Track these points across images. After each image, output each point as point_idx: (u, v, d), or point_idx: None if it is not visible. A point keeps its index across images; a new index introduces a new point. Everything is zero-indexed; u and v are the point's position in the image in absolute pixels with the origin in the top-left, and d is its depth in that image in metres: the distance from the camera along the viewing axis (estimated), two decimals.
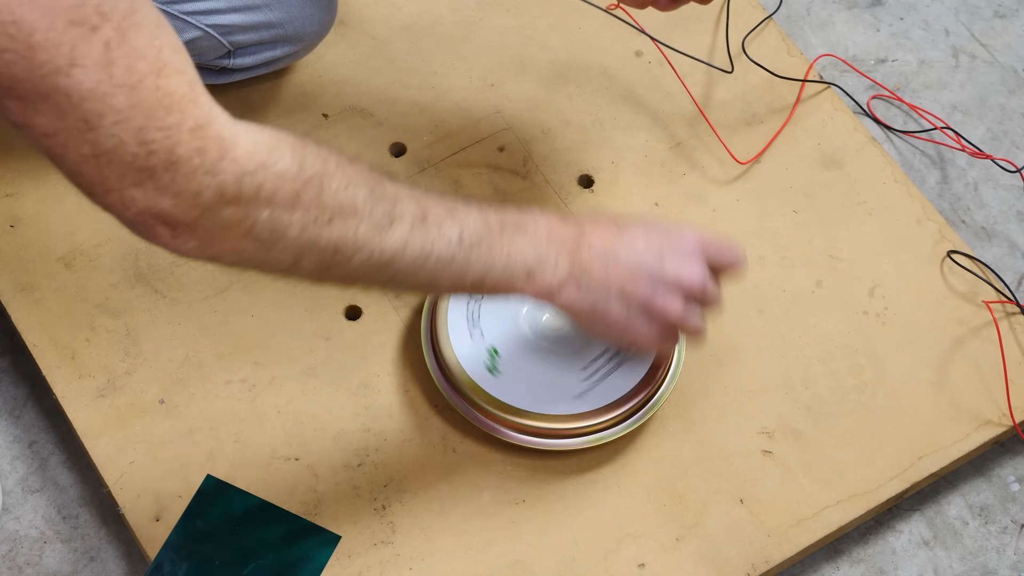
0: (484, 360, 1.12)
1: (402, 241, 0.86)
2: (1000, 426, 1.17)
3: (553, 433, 1.11)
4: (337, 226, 0.83)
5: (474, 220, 0.91)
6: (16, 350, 1.22)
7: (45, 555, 1.14)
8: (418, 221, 0.87)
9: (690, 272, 0.99)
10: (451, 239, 0.89)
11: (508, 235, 0.93)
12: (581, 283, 0.96)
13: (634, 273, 0.97)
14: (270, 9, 1.20)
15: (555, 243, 0.95)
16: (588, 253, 0.96)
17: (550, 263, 0.95)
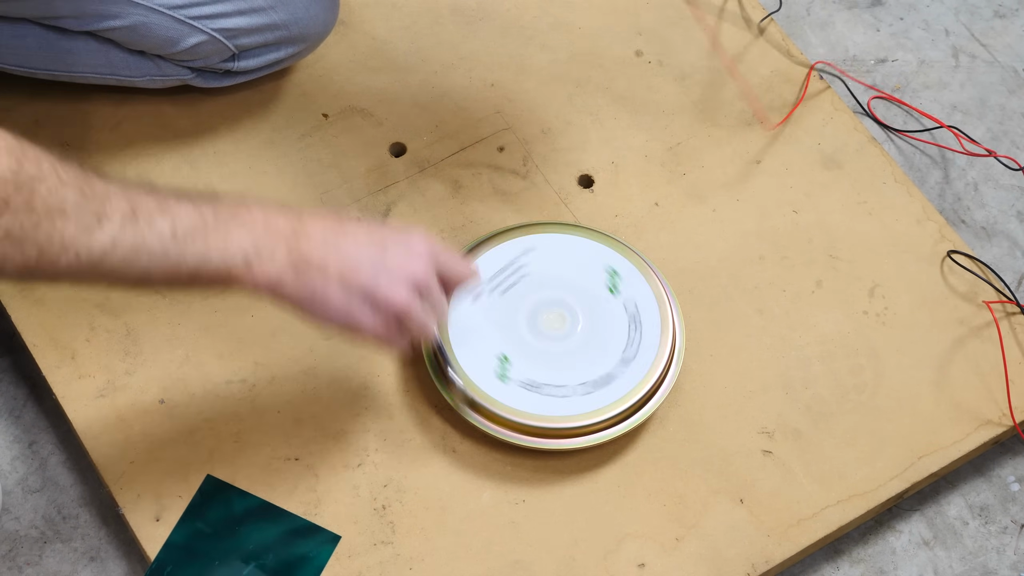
0: (495, 368, 1.12)
1: (111, 240, 0.86)
2: (1000, 426, 1.17)
3: (553, 433, 1.11)
4: (44, 229, 0.82)
5: (187, 213, 0.90)
6: (16, 350, 1.22)
7: (45, 555, 1.14)
8: (128, 218, 0.87)
9: (415, 265, 0.99)
10: (163, 233, 0.88)
11: (223, 227, 0.91)
12: (299, 271, 0.95)
13: (356, 260, 0.97)
14: (274, 11, 1.20)
15: (273, 233, 0.94)
16: (307, 242, 0.95)
17: (267, 254, 0.93)
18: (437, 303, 1.01)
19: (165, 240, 0.88)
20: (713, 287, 1.22)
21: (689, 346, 1.18)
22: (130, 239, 0.86)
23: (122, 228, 0.86)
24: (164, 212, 0.89)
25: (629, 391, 1.12)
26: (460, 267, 1.03)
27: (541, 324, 1.15)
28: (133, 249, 0.87)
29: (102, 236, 0.85)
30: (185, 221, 0.89)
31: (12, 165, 0.80)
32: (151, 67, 1.22)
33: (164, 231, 0.88)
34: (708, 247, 1.24)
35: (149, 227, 0.87)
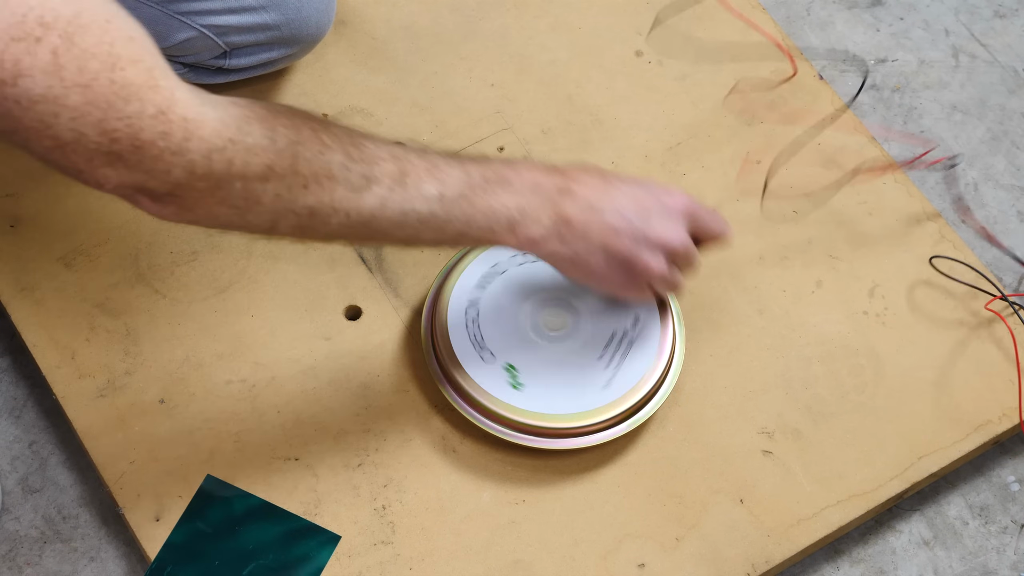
0: (506, 379, 1.12)
1: (380, 202, 0.89)
2: (1000, 426, 1.17)
3: (553, 433, 1.11)
4: (313, 191, 0.86)
5: (456, 176, 0.93)
6: (16, 350, 1.22)
7: (45, 555, 1.14)
8: (397, 181, 0.90)
9: (673, 234, 1.01)
10: (430, 197, 0.92)
11: (490, 189, 0.95)
12: (563, 235, 0.98)
13: (617, 229, 0.99)
14: (267, 11, 1.20)
15: (539, 195, 0.97)
16: (572, 205, 0.98)
17: (532, 215, 0.96)
18: (692, 262, 1.04)
19: (432, 203, 0.92)
20: (713, 287, 1.22)
21: (689, 346, 1.18)
22: (398, 202, 0.90)
23: (391, 191, 0.90)
24: (433, 176, 0.92)
25: (629, 391, 1.12)
26: (713, 224, 1.05)
27: (542, 323, 1.15)
28: (401, 211, 0.90)
29: (371, 198, 0.89)
30: (453, 184, 0.93)
31: (267, 133, 0.84)
32: None
33: (432, 194, 0.92)
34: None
35: (417, 190, 0.91)
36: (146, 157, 0.79)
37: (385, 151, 0.91)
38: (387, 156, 0.91)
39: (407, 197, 0.91)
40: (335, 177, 0.87)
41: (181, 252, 1.20)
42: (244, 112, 0.84)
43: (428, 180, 0.92)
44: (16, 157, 1.24)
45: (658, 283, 1.03)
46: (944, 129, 1.41)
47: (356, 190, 0.88)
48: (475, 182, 0.94)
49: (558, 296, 1.16)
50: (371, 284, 1.20)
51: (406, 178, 0.91)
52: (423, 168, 0.92)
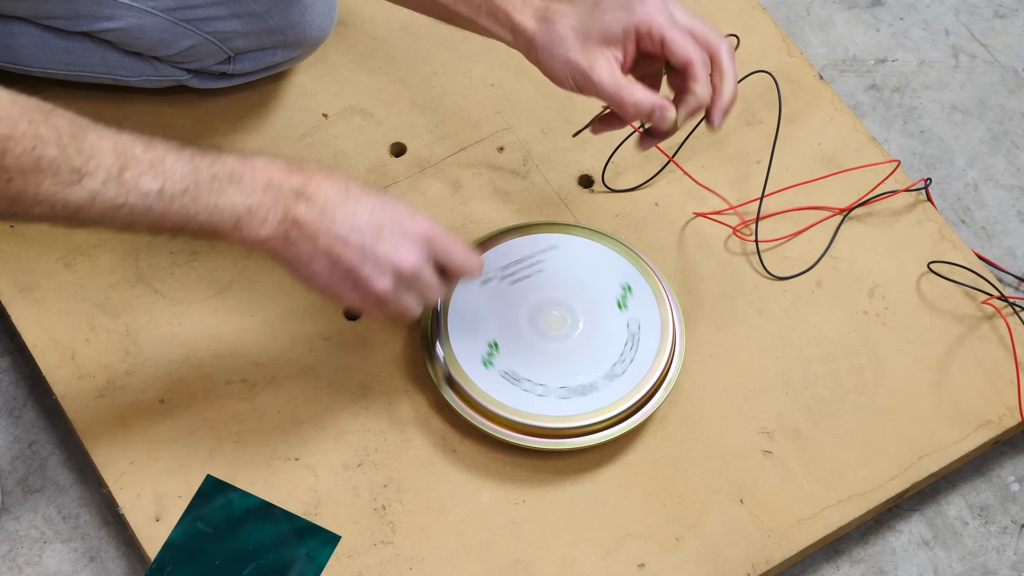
0: (482, 353, 1.12)
1: (89, 196, 0.88)
2: (1000, 426, 1.17)
3: (553, 433, 1.11)
4: (16, 184, 0.86)
5: (182, 171, 0.92)
6: (16, 350, 1.22)
7: (45, 555, 1.14)
8: (112, 176, 0.89)
9: (403, 256, 0.99)
10: (149, 191, 0.90)
11: (218, 186, 0.93)
12: (290, 235, 0.96)
13: (345, 239, 0.97)
14: (270, 16, 1.19)
15: (271, 194, 0.95)
16: (304, 208, 0.96)
17: (260, 214, 0.95)
18: (427, 290, 1.01)
19: (150, 198, 0.91)
20: (713, 287, 1.22)
21: (689, 346, 1.18)
22: (111, 195, 0.89)
23: (104, 185, 0.89)
24: (155, 170, 0.91)
25: (629, 391, 1.12)
26: (461, 258, 1.02)
27: (541, 322, 1.15)
28: (113, 206, 0.90)
29: (80, 191, 0.88)
30: (177, 180, 0.92)
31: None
32: (147, 68, 1.22)
33: (151, 189, 0.91)
34: (708, 247, 1.24)
35: (135, 185, 0.90)
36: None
37: (108, 143, 0.90)
38: (109, 149, 0.89)
39: (122, 192, 0.90)
40: (43, 171, 0.86)
41: (181, 252, 1.20)
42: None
43: (149, 175, 0.91)
44: None
45: (384, 302, 1.00)
46: (944, 129, 1.41)
47: (65, 184, 0.87)
48: (203, 178, 0.93)
49: (559, 297, 1.16)
50: None
51: (124, 172, 0.90)
52: (146, 162, 0.91)
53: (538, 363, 1.13)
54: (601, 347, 1.14)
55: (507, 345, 1.13)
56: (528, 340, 1.14)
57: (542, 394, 1.12)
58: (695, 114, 1.02)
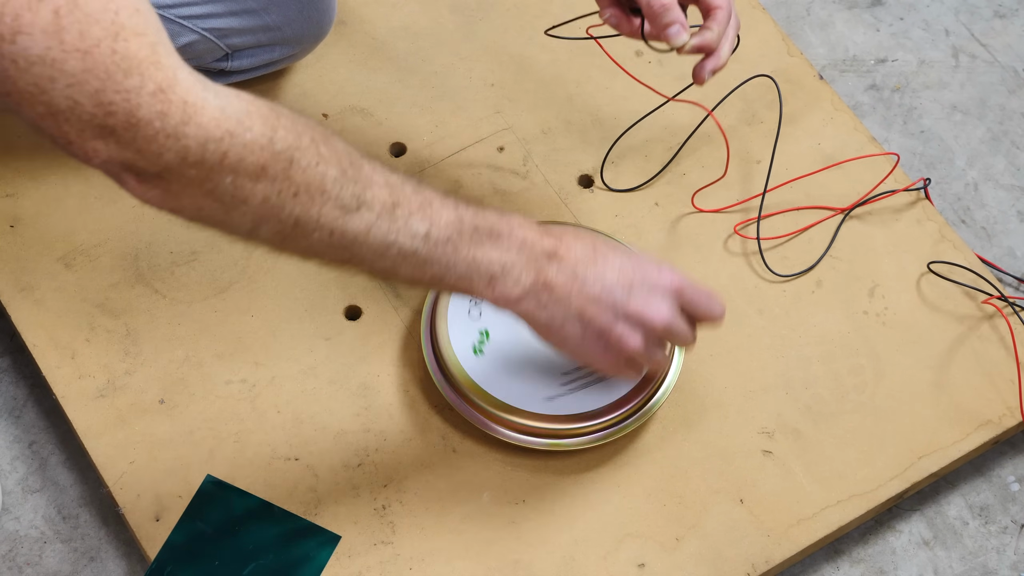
0: (473, 341, 1.12)
1: (366, 227, 0.87)
2: (1000, 426, 1.17)
3: (553, 433, 1.11)
4: (301, 201, 0.83)
5: (447, 218, 0.91)
6: (16, 350, 1.22)
7: (45, 555, 1.14)
8: (387, 210, 0.87)
9: (655, 311, 0.98)
10: (417, 233, 0.89)
11: (478, 239, 0.92)
12: (542, 298, 0.96)
13: (597, 300, 0.97)
14: (268, 12, 1.20)
15: (525, 254, 0.95)
16: (556, 270, 0.96)
17: (514, 273, 0.94)
18: (680, 340, 1.01)
19: (417, 241, 0.89)
20: (713, 287, 1.22)
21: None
22: (383, 231, 0.87)
23: (379, 218, 0.87)
24: (424, 213, 0.89)
25: (629, 391, 1.12)
26: (708, 305, 1.02)
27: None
28: (384, 242, 0.88)
29: (358, 221, 0.86)
30: (443, 226, 0.90)
31: (266, 132, 0.81)
32: None
33: (419, 232, 0.89)
34: (708, 247, 1.24)
35: (405, 224, 0.88)
36: (140, 136, 0.76)
37: (381, 177, 0.88)
38: (382, 182, 0.88)
39: (394, 228, 0.88)
40: (327, 192, 0.84)
41: (181, 252, 1.20)
42: (247, 106, 0.81)
43: (418, 216, 0.89)
44: (16, 157, 1.24)
45: (636, 359, 1.00)
46: (944, 129, 1.41)
47: (345, 210, 0.85)
48: (465, 229, 0.92)
49: None
50: (371, 284, 1.20)
51: (397, 209, 0.88)
52: (416, 203, 0.89)
53: (538, 363, 1.13)
54: None
55: (507, 345, 1.13)
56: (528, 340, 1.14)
57: (542, 394, 1.11)
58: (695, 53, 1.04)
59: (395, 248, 0.88)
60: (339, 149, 0.86)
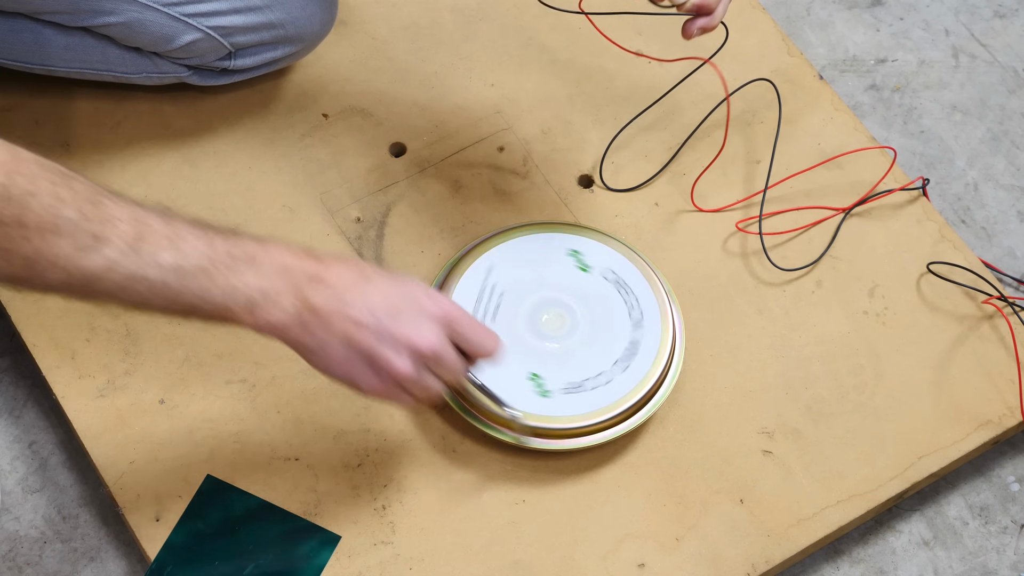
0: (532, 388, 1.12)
1: (107, 264, 0.86)
2: (1000, 426, 1.17)
3: (553, 433, 1.11)
4: (33, 244, 0.83)
5: (198, 248, 0.90)
6: (16, 350, 1.22)
7: (45, 555, 1.14)
8: (130, 246, 0.86)
9: (422, 335, 0.96)
10: (165, 266, 0.88)
11: (235, 266, 0.91)
12: (306, 323, 0.94)
13: (363, 321, 0.95)
14: (271, 10, 1.20)
15: (285, 279, 0.93)
16: (319, 293, 0.94)
17: (274, 299, 0.92)
18: (448, 370, 0.98)
19: (166, 273, 0.88)
20: (713, 287, 1.22)
21: (689, 346, 1.18)
22: (128, 266, 0.87)
23: (122, 254, 0.86)
24: (173, 244, 0.88)
25: (629, 391, 1.12)
26: (480, 338, 0.99)
27: (540, 322, 1.15)
28: (129, 276, 0.87)
29: (97, 259, 0.85)
30: (193, 257, 0.89)
31: (1, 179, 0.81)
32: (148, 64, 1.22)
33: (167, 263, 0.88)
34: (708, 247, 1.24)
35: (152, 257, 0.87)
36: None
37: (126, 212, 0.87)
38: (126, 218, 0.87)
39: (139, 263, 0.87)
40: (61, 232, 0.83)
41: None
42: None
43: (166, 249, 0.88)
44: None
45: (405, 384, 0.97)
46: (944, 129, 1.41)
47: (82, 249, 0.84)
48: (218, 257, 0.90)
49: (558, 297, 1.16)
50: None
51: (142, 244, 0.87)
52: (163, 235, 0.88)
53: (538, 363, 1.13)
54: (601, 347, 1.14)
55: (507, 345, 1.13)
56: (527, 340, 1.14)
57: (542, 394, 1.12)
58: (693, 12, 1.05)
59: (143, 283, 0.88)
60: (80, 189, 0.85)
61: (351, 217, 1.23)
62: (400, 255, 1.22)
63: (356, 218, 1.23)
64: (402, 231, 1.23)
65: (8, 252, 0.83)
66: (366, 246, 1.22)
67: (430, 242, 1.22)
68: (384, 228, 1.23)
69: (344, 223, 1.23)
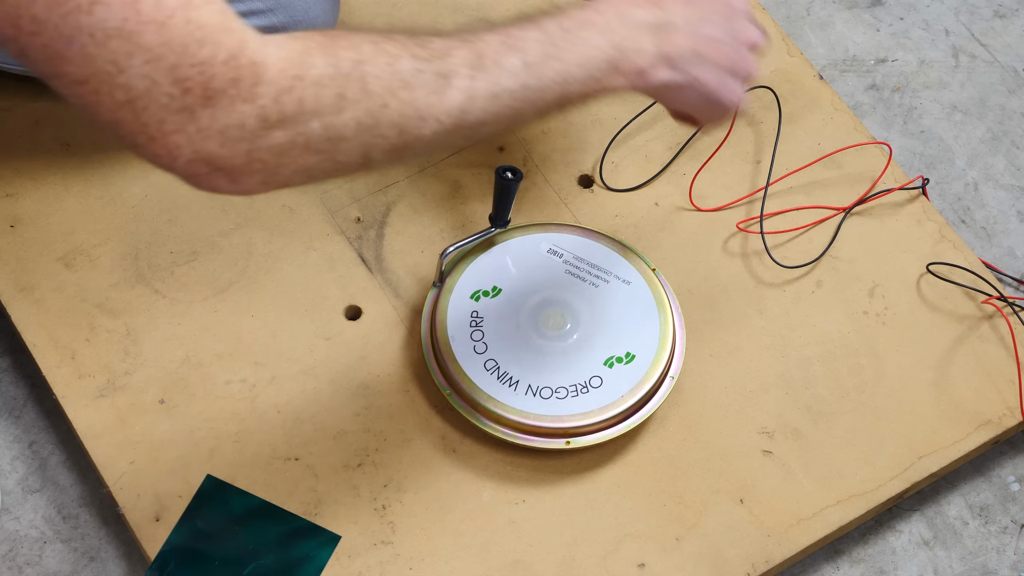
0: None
1: (466, 93, 0.83)
2: (1000, 426, 1.17)
3: (553, 433, 1.11)
4: (393, 108, 0.80)
5: (533, 37, 0.87)
6: (16, 350, 1.22)
7: (45, 555, 1.14)
8: (475, 67, 0.84)
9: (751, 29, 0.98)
10: (515, 69, 0.85)
11: (574, 36, 0.88)
12: (672, 59, 0.92)
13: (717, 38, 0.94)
14: (273, 14, 1.20)
15: (631, 26, 0.90)
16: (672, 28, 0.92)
17: (631, 48, 0.90)
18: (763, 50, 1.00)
19: (520, 75, 0.85)
20: (713, 287, 1.22)
21: (689, 346, 1.18)
22: (484, 86, 0.84)
23: (472, 79, 0.83)
24: (510, 47, 0.86)
25: (629, 391, 1.12)
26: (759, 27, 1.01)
27: (541, 322, 1.15)
28: (491, 95, 0.84)
29: (455, 93, 0.82)
30: (534, 47, 0.86)
31: (329, 59, 0.78)
32: None
33: (516, 66, 0.85)
34: (708, 247, 1.24)
35: (499, 68, 0.84)
36: (218, 110, 0.73)
37: (454, 40, 0.84)
38: (457, 44, 0.84)
39: (491, 78, 0.84)
40: (411, 85, 0.80)
41: (181, 252, 1.20)
42: (303, 44, 0.78)
43: (506, 53, 0.85)
44: (16, 157, 1.24)
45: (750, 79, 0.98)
46: (944, 129, 1.41)
47: (437, 91, 0.81)
48: (556, 37, 0.87)
49: (558, 296, 1.16)
50: (371, 284, 1.20)
51: (483, 59, 0.84)
52: (497, 42, 0.85)
53: (538, 363, 1.13)
54: (601, 347, 1.14)
55: (507, 345, 1.14)
56: (528, 340, 1.14)
57: (542, 394, 1.12)
58: None
59: (505, 95, 0.85)
60: (402, 39, 0.83)
61: (351, 217, 1.23)
62: (400, 255, 1.22)
63: (356, 218, 1.23)
64: (402, 231, 1.23)
65: (374, 127, 0.80)
66: (366, 246, 1.22)
67: (430, 242, 1.22)
68: (384, 228, 1.23)
69: (344, 223, 1.23)
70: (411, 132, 0.81)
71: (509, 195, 1.15)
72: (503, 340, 1.14)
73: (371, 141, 0.80)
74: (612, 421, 1.11)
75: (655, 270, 1.19)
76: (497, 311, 1.16)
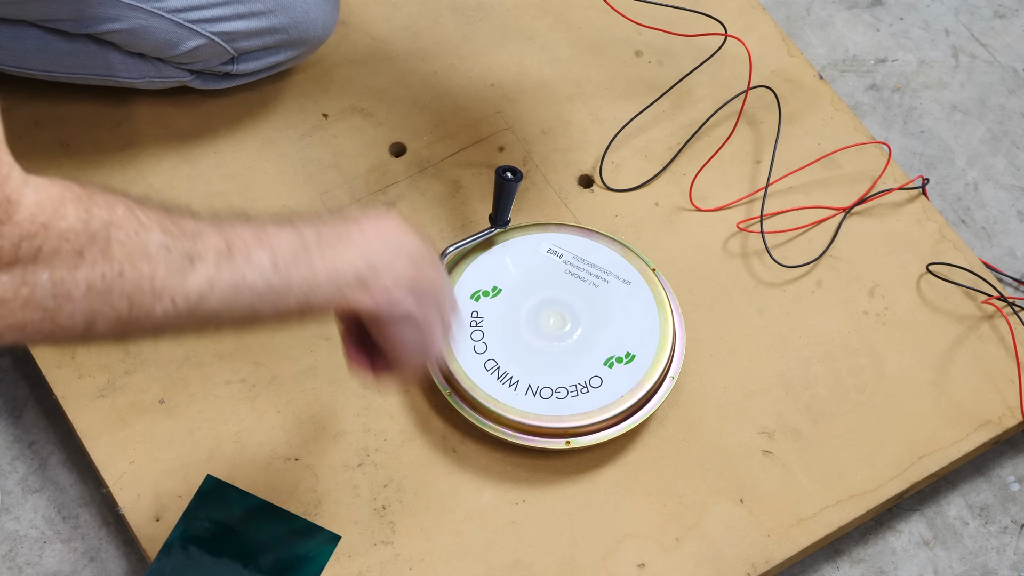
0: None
1: (206, 281, 0.79)
2: (1000, 426, 1.17)
3: (553, 433, 1.11)
4: (129, 277, 0.75)
5: (287, 239, 0.83)
6: (16, 350, 1.22)
7: (45, 555, 1.14)
8: (222, 256, 0.80)
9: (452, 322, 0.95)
10: (263, 266, 0.81)
11: (329, 247, 0.85)
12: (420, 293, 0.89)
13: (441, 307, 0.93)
14: (274, 15, 1.20)
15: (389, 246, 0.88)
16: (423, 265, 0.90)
17: (384, 266, 0.87)
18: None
19: (266, 273, 0.81)
20: (713, 287, 1.22)
21: (689, 346, 1.18)
22: (228, 277, 0.80)
23: (217, 267, 0.79)
24: (261, 243, 0.82)
25: (629, 391, 1.12)
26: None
27: (541, 322, 1.15)
28: (233, 288, 0.80)
29: (196, 277, 0.78)
30: (285, 249, 0.83)
31: (80, 214, 0.74)
32: (150, 69, 1.22)
33: (264, 263, 0.81)
34: (708, 247, 1.24)
35: (247, 262, 0.81)
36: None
37: (206, 223, 0.80)
38: (209, 229, 0.80)
39: (236, 271, 0.80)
40: (153, 258, 0.76)
41: None
42: (61, 192, 0.74)
43: (257, 249, 0.81)
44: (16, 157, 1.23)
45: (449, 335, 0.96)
46: (944, 129, 1.41)
47: (179, 271, 0.77)
48: (310, 243, 0.84)
49: (558, 296, 1.16)
50: None
51: (233, 250, 0.80)
52: (250, 236, 0.81)
53: (538, 363, 1.13)
54: (601, 347, 1.14)
55: (507, 345, 1.14)
56: (528, 340, 1.14)
57: (542, 394, 1.12)
58: None
59: (245, 290, 0.81)
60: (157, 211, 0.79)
61: None
62: None
63: None
64: None
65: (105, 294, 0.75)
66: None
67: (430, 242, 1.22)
68: None
69: None
70: (142, 307, 0.76)
71: (509, 195, 1.15)
72: (503, 340, 1.14)
73: (98, 308, 0.75)
74: (612, 421, 1.11)
75: (655, 270, 1.19)
76: (497, 311, 1.16)
